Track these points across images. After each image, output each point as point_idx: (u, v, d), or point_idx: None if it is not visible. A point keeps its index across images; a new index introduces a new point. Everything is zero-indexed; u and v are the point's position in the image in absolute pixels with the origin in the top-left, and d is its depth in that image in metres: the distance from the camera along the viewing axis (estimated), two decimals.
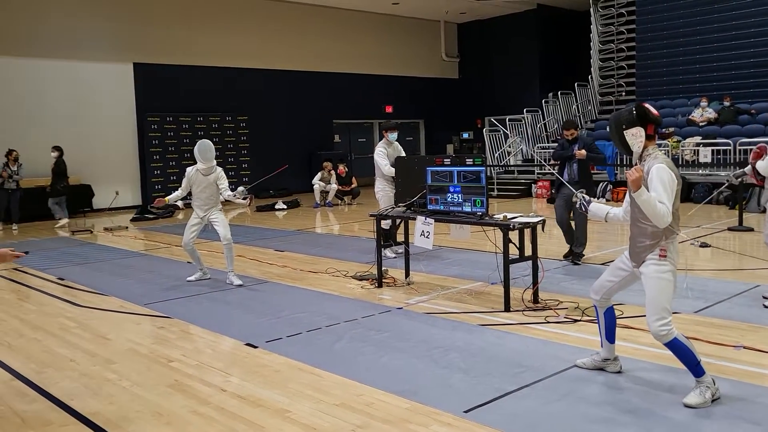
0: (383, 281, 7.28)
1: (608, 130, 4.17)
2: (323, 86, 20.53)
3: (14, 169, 13.26)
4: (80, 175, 16.02)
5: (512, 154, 18.86)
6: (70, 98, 16.13)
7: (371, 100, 21.66)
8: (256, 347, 5.28)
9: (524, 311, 5.99)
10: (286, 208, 16.09)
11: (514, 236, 6.27)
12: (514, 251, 6.27)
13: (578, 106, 19.70)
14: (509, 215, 6.27)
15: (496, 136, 19.07)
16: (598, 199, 14.31)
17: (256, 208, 15.84)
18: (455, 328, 5.60)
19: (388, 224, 8.61)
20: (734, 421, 3.65)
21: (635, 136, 3.94)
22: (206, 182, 7.55)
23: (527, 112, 19.21)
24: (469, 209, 6.42)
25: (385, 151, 8.94)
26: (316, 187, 16.55)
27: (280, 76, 19.60)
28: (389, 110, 22.15)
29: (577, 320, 5.66)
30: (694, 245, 8.90)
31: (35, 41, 15.58)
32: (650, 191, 3.80)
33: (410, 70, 22.70)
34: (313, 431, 3.73)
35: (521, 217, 6.28)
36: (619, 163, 15.08)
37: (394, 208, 7.62)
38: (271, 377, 4.60)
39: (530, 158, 18.83)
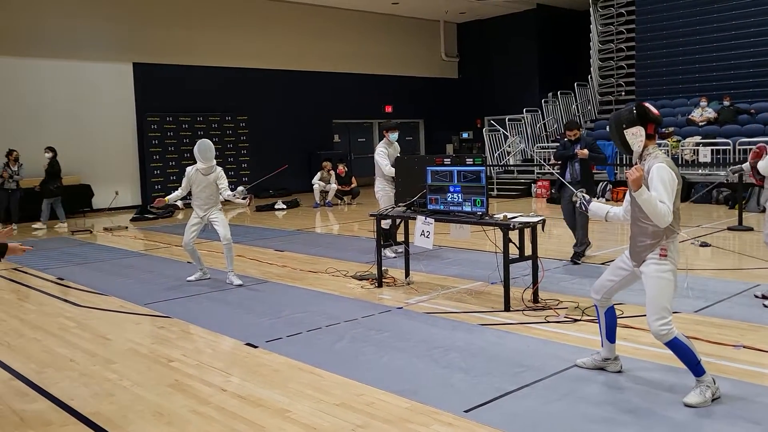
0: (383, 281, 7.27)
1: (608, 129, 4.17)
2: (323, 86, 20.52)
3: (14, 169, 13.24)
4: (80, 174, 16.03)
5: (512, 154, 18.87)
6: (69, 98, 16.13)
7: (371, 99, 21.66)
8: (256, 347, 5.28)
9: (524, 311, 5.99)
10: (285, 208, 16.08)
11: (514, 236, 6.27)
12: (514, 251, 6.27)
13: (578, 105, 19.70)
14: (509, 215, 6.27)
15: (495, 135, 19.08)
16: (598, 198, 14.32)
17: (255, 207, 15.84)
18: (455, 327, 5.60)
19: (388, 224, 8.62)
20: (734, 420, 3.65)
21: (635, 135, 3.94)
22: (206, 182, 7.55)
23: (527, 111, 19.22)
24: (469, 209, 6.43)
25: (386, 151, 8.94)
26: (315, 186, 16.55)
27: (279, 75, 19.59)
28: (389, 110, 22.14)
29: (577, 320, 5.66)
30: (694, 245, 8.91)
31: (35, 41, 15.58)
32: (651, 191, 3.80)
33: (410, 69, 22.69)
34: (313, 431, 3.73)
35: (521, 216, 6.29)
36: (618, 162, 15.09)
37: (394, 207, 7.63)
38: (271, 377, 4.60)
39: (530, 158, 18.84)
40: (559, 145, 8.56)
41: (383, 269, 7.34)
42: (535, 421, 3.74)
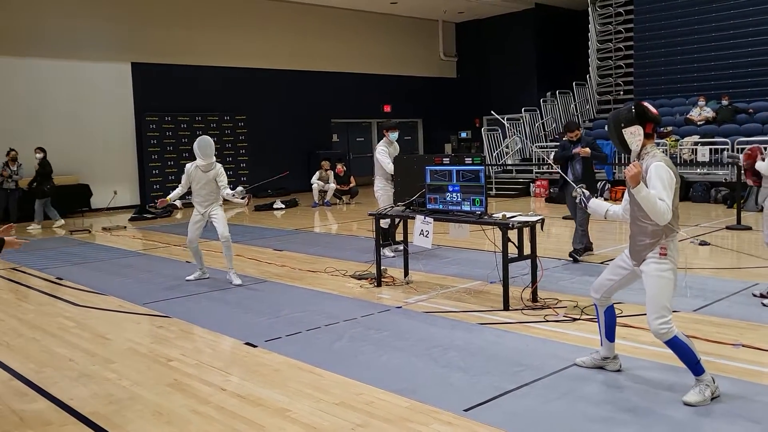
0: (382, 280, 7.27)
1: (607, 128, 4.17)
2: (321, 86, 20.51)
3: (14, 168, 13.23)
4: (78, 174, 16.02)
5: (510, 153, 18.86)
6: (69, 98, 16.11)
7: (369, 99, 21.66)
8: (255, 346, 5.28)
9: (523, 310, 5.99)
10: (284, 207, 16.08)
11: (513, 235, 6.27)
12: (513, 250, 6.27)
13: (576, 105, 19.71)
14: (508, 214, 6.27)
15: (494, 135, 19.08)
16: (597, 198, 14.28)
17: (254, 207, 15.83)
18: (454, 326, 5.60)
19: (387, 223, 8.62)
20: (733, 419, 3.66)
21: (634, 134, 3.94)
22: (206, 179, 7.54)
23: (525, 111, 19.21)
24: (468, 208, 6.43)
25: (386, 149, 8.95)
26: (314, 186, 16.55)
27: (278, 75, 19.58)
28: (387, 110, 22.14)
29: (576, 319, 5.66)
30: (693, 243, 8.92)
31: (35, 41, 15.56)
32: (649, 189, 3.80)
33: (408, 69, 22.69)
34: (313, 430, 3.73)
35: (520, 215, 6.29)
36: (617, 162, 15.09)
37: (393, 207, 7.63)
38: (270, 376, 4.59)
39: (528, 157, 18.84)
40: (558, 146, 8.58)
41: (382, 268, 7.34)
42: (534, 420, 3.75)
